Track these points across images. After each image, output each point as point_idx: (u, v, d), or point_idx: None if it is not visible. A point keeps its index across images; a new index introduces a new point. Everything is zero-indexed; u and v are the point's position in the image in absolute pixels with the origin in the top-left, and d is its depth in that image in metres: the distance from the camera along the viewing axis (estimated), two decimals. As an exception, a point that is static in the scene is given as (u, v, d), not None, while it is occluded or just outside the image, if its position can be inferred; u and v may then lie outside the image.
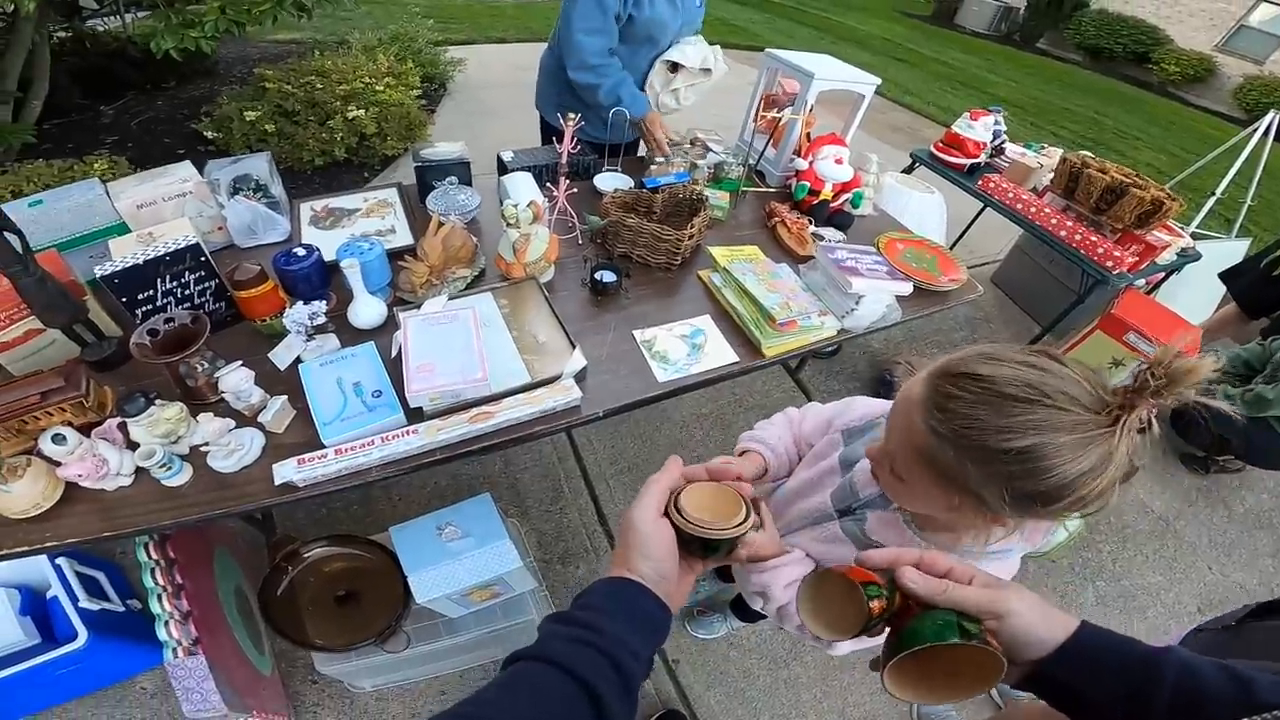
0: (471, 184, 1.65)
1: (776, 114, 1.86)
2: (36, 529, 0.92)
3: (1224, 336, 2.83)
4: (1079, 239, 2.31)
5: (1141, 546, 2.37)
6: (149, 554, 1.16)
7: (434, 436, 1.04)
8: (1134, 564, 2.30)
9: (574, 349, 1.22)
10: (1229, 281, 2.68)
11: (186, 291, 1.16)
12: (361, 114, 3.48)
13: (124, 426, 0.97)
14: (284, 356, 1.17)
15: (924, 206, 2.70)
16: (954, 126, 2.82)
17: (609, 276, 1.45)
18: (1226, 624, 1.26)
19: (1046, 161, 2.74)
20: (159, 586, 1.14)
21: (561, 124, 1.59)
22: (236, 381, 1.02)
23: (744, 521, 0.57)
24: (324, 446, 1.02)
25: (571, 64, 1.84)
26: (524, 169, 1.70)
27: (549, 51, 2.04)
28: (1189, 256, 2.56)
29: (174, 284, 1.14)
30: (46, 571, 1.38)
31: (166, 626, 1.11)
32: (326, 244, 1.37)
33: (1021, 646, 0.50)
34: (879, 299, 1.47)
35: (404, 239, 1.52)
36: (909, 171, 3.03)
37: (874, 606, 0.51)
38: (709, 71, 1.96)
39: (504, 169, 1.76)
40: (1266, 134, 3.31)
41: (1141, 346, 2.30)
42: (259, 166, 1.48)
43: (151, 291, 1.12)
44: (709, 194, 1.74)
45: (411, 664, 1.48)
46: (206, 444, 0.99)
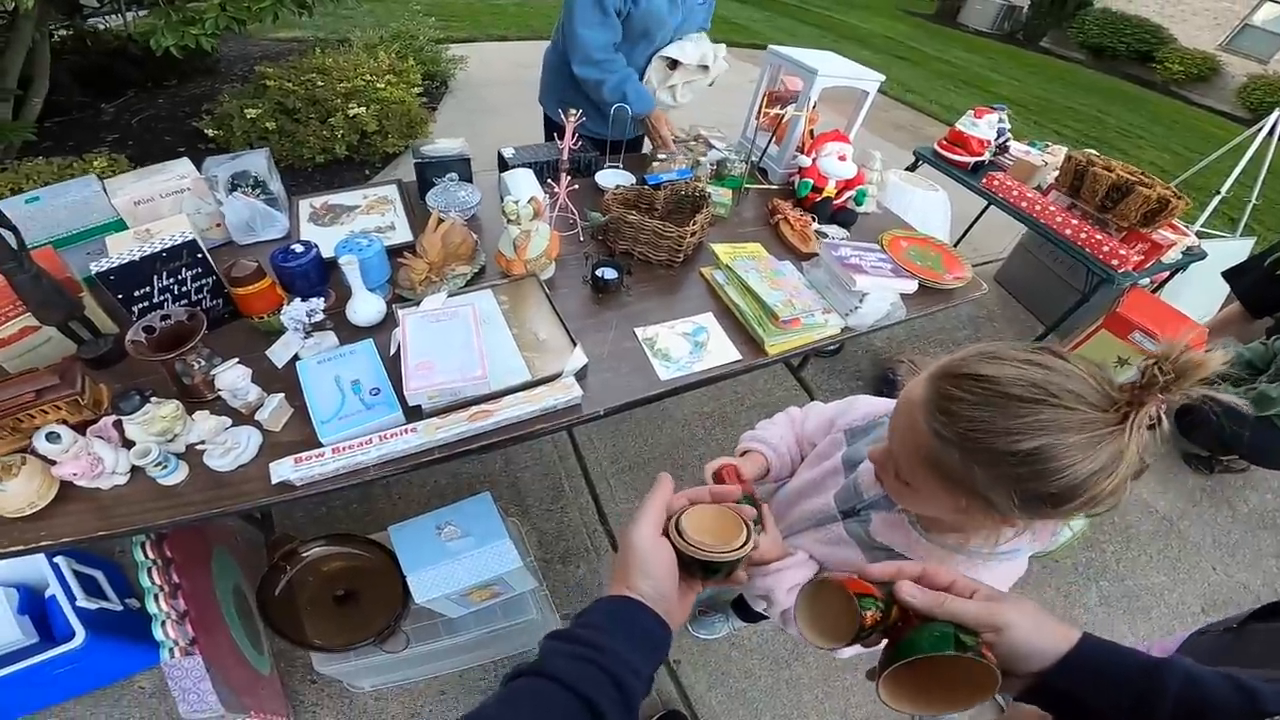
0: (472, 180, 1.64)
1: (779, 111, 1.85)
2: (31, 528, 0.91)
3: (1228, 336, 2.81)
4: (1084, 237, 2.30)
5: (1145, 547, 2.35)
6: (145, 553, 1.16)
7: (432, 435, 1.03)
8: (1138, 564, 2.29)
9: (575, 346, 1.21)
10: (1232, 281, 2.66)
11: (184, 288, 1.15)
12: (362, 112, 3.47)
13: (119, 425, 0.96)
14: (282, 354, 1.16)
15: (928, 204, 2.69)
16: (958, 124, 2.80)
17: (610, 274, 1.44)
18: (1228, 626, 1.25)
19: (1051, 159, 2.73)
20: (155, 586, 1.13)
21: (564, 120, 1.58)
22: (233, 379, 1.01)
23: (745, 544, 0.57)
24: (321, 445, 1.00)
25: (576, 59, 1.82)
26: (525, 165, 1.69)
27: (552, 47, 2.03)
28: (1194, 255, 2.55)
29: (171, 281, 1.13)
30: (44, 570, 1.37)
31: (163, 626, 1.11)
32: (325, 241, 1.36)
33: (1021, 659, 0.50)
34: (883, 297, 1.45)
35: (404, 236, 1.51)
36: (912, 169, 3.01)
37: (868, 618, 0.52)
38: (706, 69, 1.94)
39: (505, 165, 1.75)
40: (1271, 133, 3.29)
41: (1147, 345, 2.29)
42: (257, 163, 1.47)
43: (148, 288, 1.11)
44: (711, 191, 1.73)
45: (411, 664, 1.47)
46: (202, 442, 0.98)
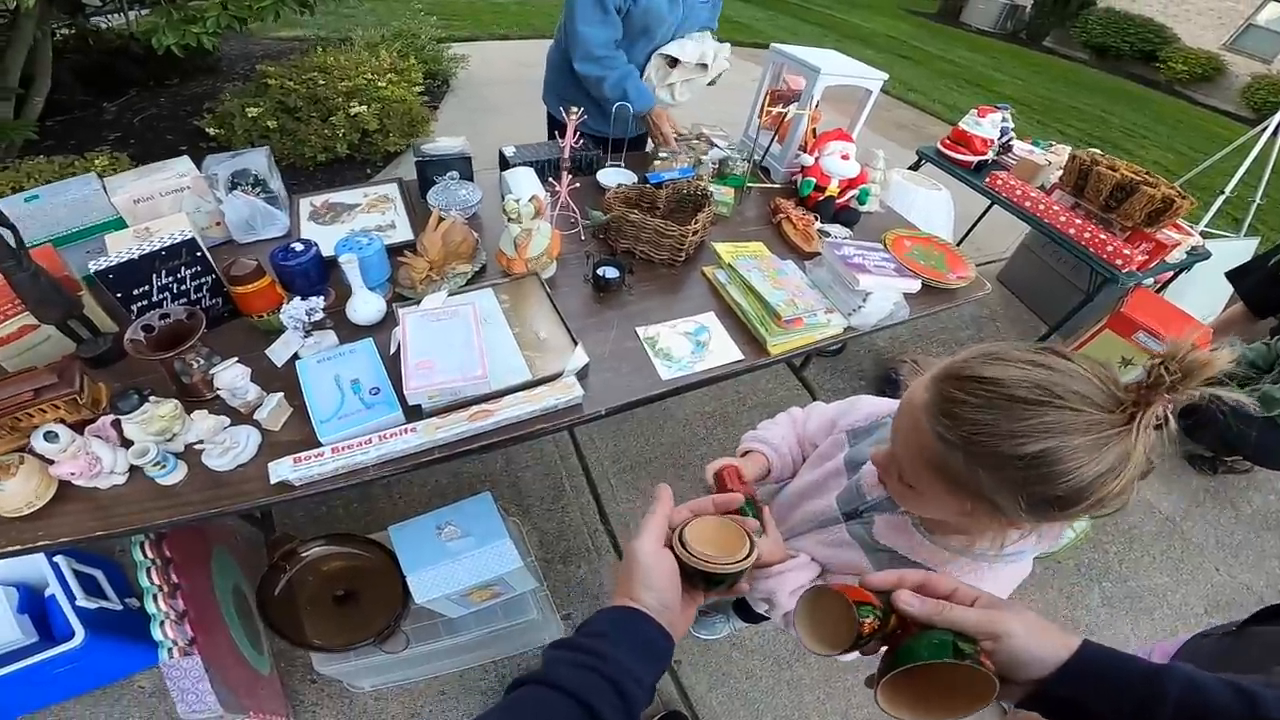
0: (473, 179, 1.63)
1: (782, 109, 1.84)
2: (29, 528, 0.91)
3: (1231, 337, 2.80)
4: (1088, 237, 2.29)
5: (1148, 547, 2.34)
6: (145, 553, 1.15)
7: (432, 435, 1.02)
8: (1140, 565, 2.28)
9: (576, 346, 1.20)
10: (1236, 281, 2.64)
11: (183, 287, 1.15)
12: (364, 110, 3.46)
13: (118, 424, 0.96)
14: (281, 353, 1.15)
15: (931, 203, 2.68)
16: (961, 123, 2.79)
17: (612, 272, 1.43)
18: (1228, 630, 1.24)
19: (1054, 159, 2.71)
20: (154, 586, 1.13)
21: (565, 118, 1.57)
22: (232, 378, 1.00)
23: (748, 556, 0.58)
24: (320, 445, 1.00)
25: (577, 56, 1.82)
26: (526, 164, 1.68)
27: (555, 45, 2.03)
28: (1199, 255, 2.53)
29: (170, 279, 1.12)
30: (44, 569, 1.36)
31: (162, 626, 1.10)
32: (325, 239, 1.35)
33: (1020, 666, 0.50)
34: (886, 296, 1.44)
35: (404, 234, 1.50)
36: (915, 168, 3.00)
37: (865, 626, 0.53)
38: (705, 67, 1.93)
39: (506, 164, 1.74)
40: (1275, 133, 3.27)
41: (1151, 346, 2.28)
42: (257, 161, 1.46)
43: (147, 287, 1.10)
44: (713, 190, 1.73)
45: (411, 664, 1.47)
46: (201, 442, 0.98)
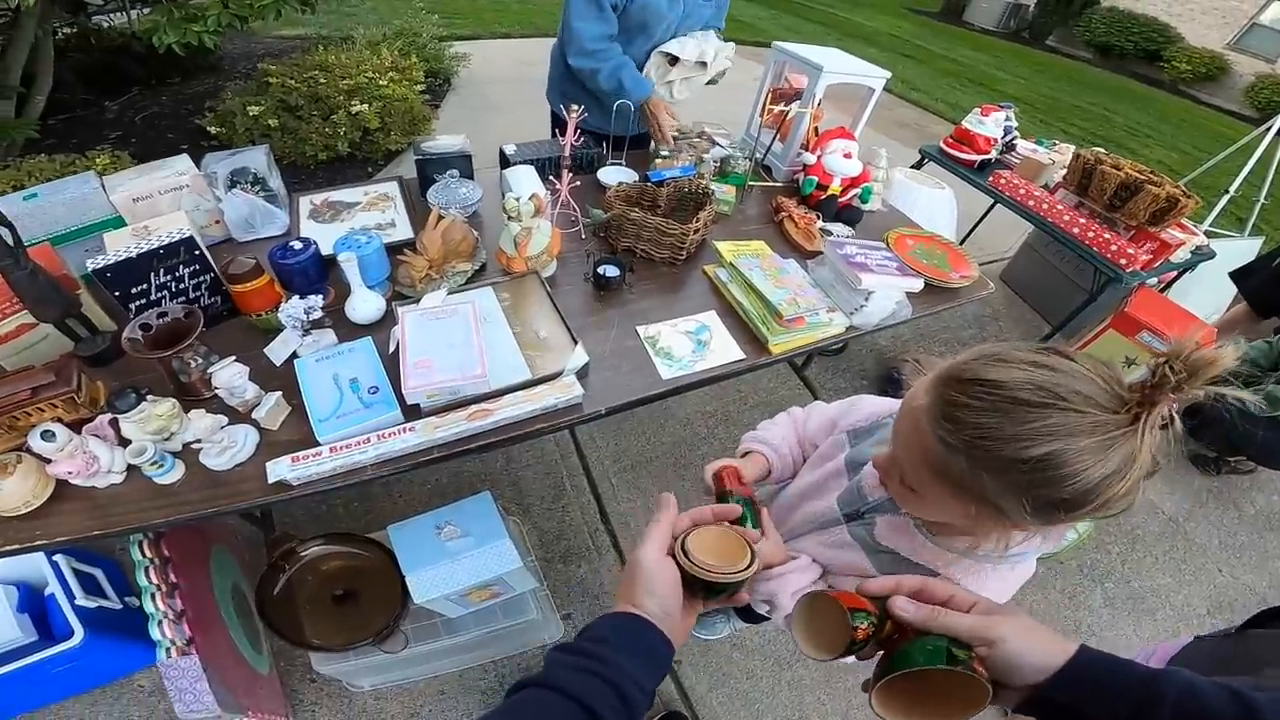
0: (473, 177, 1.63)
1: (784, 108, 1.83)
2: (26, 527, 0.91)
3: (1235, 335, 2.77)
4: (1092, 236, 2.27)
5: (1151, 548, 2.33)
6: (143, 552, 1.15)
7: (431, 434, 1.01)
8: (1143, 565, 2.27)
9: (576, 345, 1.19)
10: (1239, 281, 2.63)
11: (181, 286, 1.14)
12: (365, 109, 3.46)
13: (115, 423, 0.95)
14: (280, 352, 1.15)
15: (934, 202, 2.67)
16: (964, 122, 2.78)
17: (612, 271, 1.43)
18: (1227, 632, 1.24)
19: (1058, 158, 2.70)
20: (152, 585, 1.12)
21: (566, 116, 1.56)
22: (230, 377, 1.00)
23: (749, 566, 0.59)
24: (319, 444, 0.99)
25: (571, 51, 1.82)
26: (527, 162, 1.68)
27: (558, 43, 2.02)
28: (1203, 255, 2.52)
29: (168, 278, 1.12)
30: (44, 568, 1.36)
31: (160, 626, 1.10)
32: (325, 238, 1.35)
33: (1016, 671, 0.50)
34: (889, 295, 1.44)
35: (404, 233, 1.50)
36: (918, 167, 2.99)
37: (859, 632, 0.54)
38: (705, 65, 1.92)
39: (506, 162, 1.73)
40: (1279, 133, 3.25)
41: (1155, 346, 2.26)
42: (257, 159, 1.46)
43: (145, 285, 1.10)
44: (715, 188, 1.72)
45: (410, 663, 1.47)
46: (199, 441, 0.97)
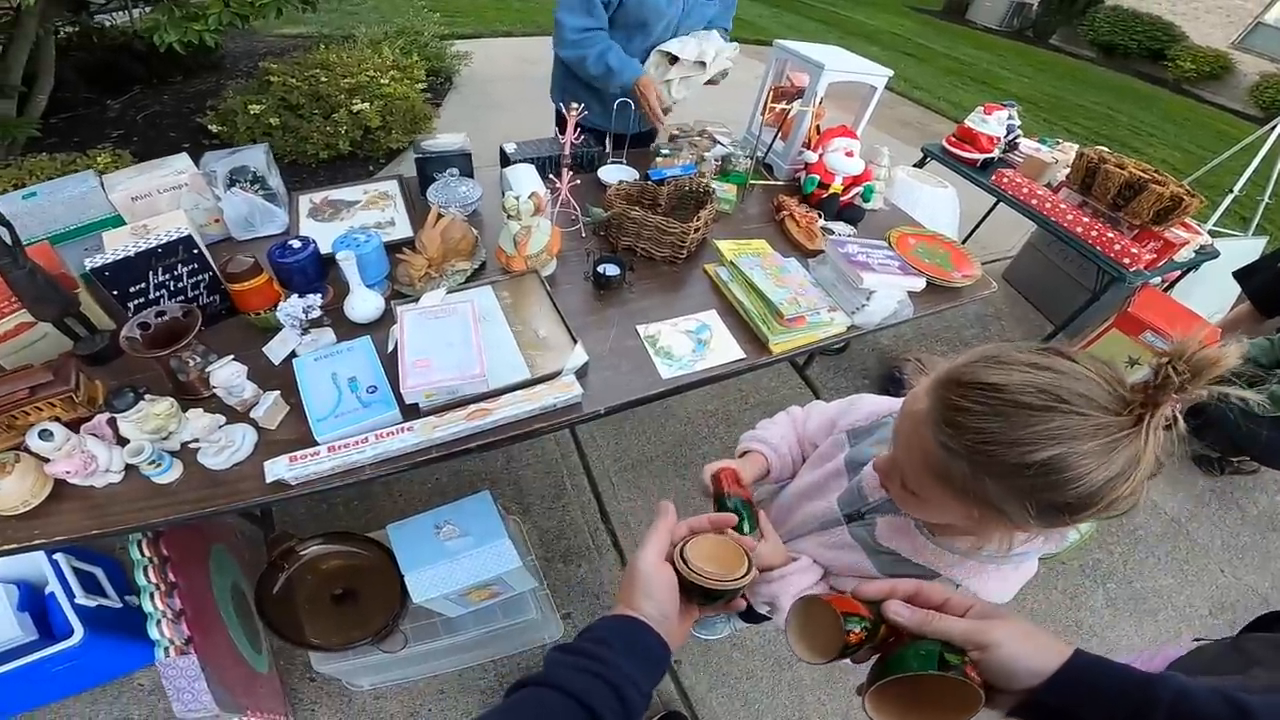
0: (473, 176, 1.62)
1: (785, 106, 1.82)
2: (25, 526, 0.90)
3: (1238, 334, 2.76)
4: (1095, 235, 2.26)
5: (1153, 549, 2.32)
6: (142, 551, 1.15)
7: (429, 434, 1.01)
8: (1145, 566, 2.26)
9: (575, 344, 1.19)
10: (1243, 280, 2.61)
11: (180, 284, 1.14)
12: (366, 107, 3.45)
13: (113, 422, 0.95)
14: (279, 351, 1.14)
15: (936, 201, 2.66)
16: (967, 121, 2.77)
17: (612, 270, 1.42)
18: (1226, 638, 1.24)
19: (1061, 157, 2.69)
20: (151, 584, 1.12)
21: (566, 114, 1.56)
22: (228, 376, 0.99)
23: (746, 575, 0.60)
24: (317, 443, 0.99)
25: (557, 43, 1.83)
26: (527, 161, 1.67)
27: None
28: (1207, 254, 2.51)
29: (166, 277, 1.11)
30: (44, 567, 1.36)
31: (158, 625, 1.09)
32: (324, 236, 1.34)
33: (1010, 676, 0.50)
34: (890, 295, 1.43)
35: (403, 231, 1.49)
36: (920, 166, 2.98)
37: (851, 636, 0.54)
38: (704, 65, 1.91)
39: (507, 160, 1.73)
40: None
41: (1159, 345, 2.25)
42: (256, 158, 1.45)
43: (143, 284, 1.09)
44: (716, 187, 1.71)
45: (410, 663, 1.46)
46: (197, 440, 0.97)
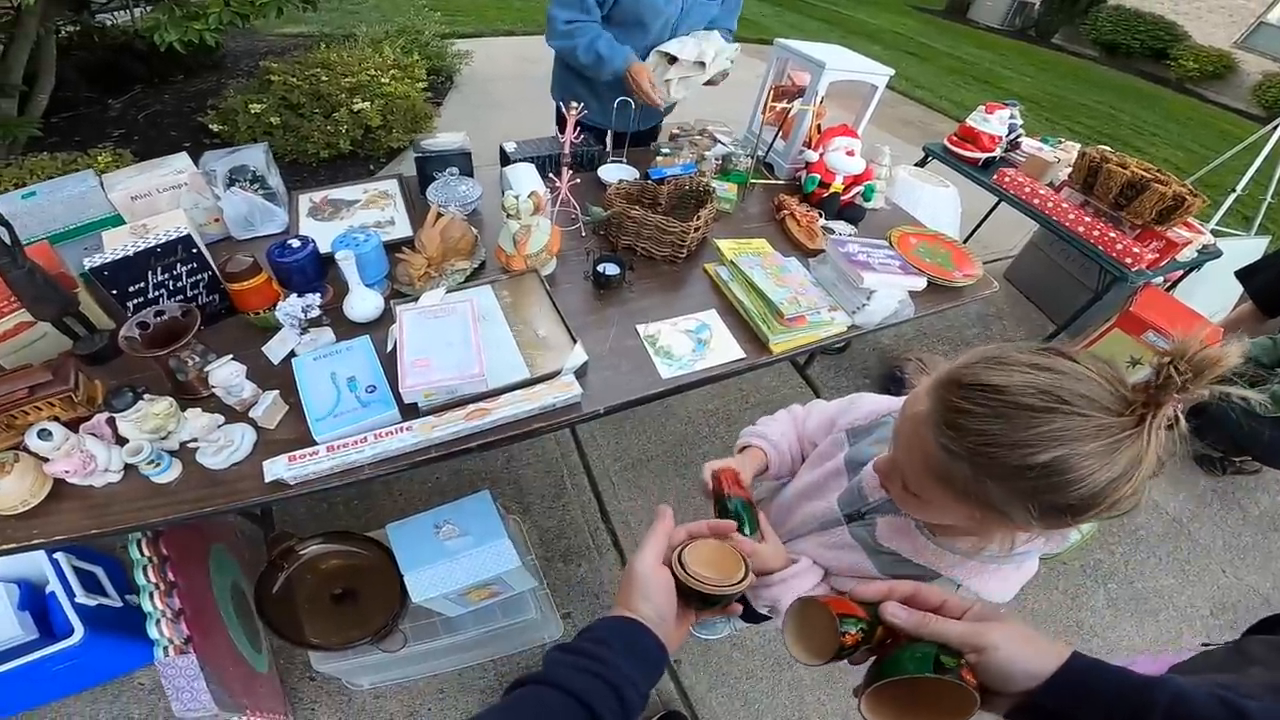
0: (473, 175, 1.62)
1: (786, 105, 1.81)
2: (24, 526, 0.90)
3: (1240, 333, 2.75)
4: (1097, 235, 2.26)
5: (1154, 549, 2.32)
6: (141, 550, 1.15)
7: (428, 434, 1.01)
8: (1146, 566, 2.25)
9: (575, 344, 1.19)
10: (1245, 280, 2.61)
11: (179, 284, 1.14)
12: (367, 106, 3.45)
13: (112, 422, 0.95)
14: (278, 350, 1.14)
15: (937, 200, 2.65)
16: (969, 120, 2.76)
17: (612, 269, 1.42)
18: (1229, 642, 1.23)
19: (1063, 156, 2.68)
20: (151, 583, 1.12)
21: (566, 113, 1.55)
22: (227, 376, 0.99)
23: (742, 580, 0.61)
24: (316, 443, 0.99)
25: (547, 35, 1.83)
26: (527, 160, 1.67)
27: None
28: (1209, 254, 2.50)
29: (166, 276, 1.11)
30: (44, 566, 1.36)
31: (157, 624, 1.09)
32: (324, 236, 1.34)
33: (1007, 678, 0.50)
34: (891, 294, 1.43)
35: (403, 230, 1.49)
36: (922, 165, 2.97)
37: (847, 638, 0.54)
38: (703, 65, 1.91)
39: (506, 160, 1.73)
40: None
41: (1161, 345, 2.24)
42: (256, 157, 1.45)
43: (142, 284, 1.09)
44: (716, 186, 1.71)
45: (410, 662, 1.46)
46: (196, 440, 0.97)
